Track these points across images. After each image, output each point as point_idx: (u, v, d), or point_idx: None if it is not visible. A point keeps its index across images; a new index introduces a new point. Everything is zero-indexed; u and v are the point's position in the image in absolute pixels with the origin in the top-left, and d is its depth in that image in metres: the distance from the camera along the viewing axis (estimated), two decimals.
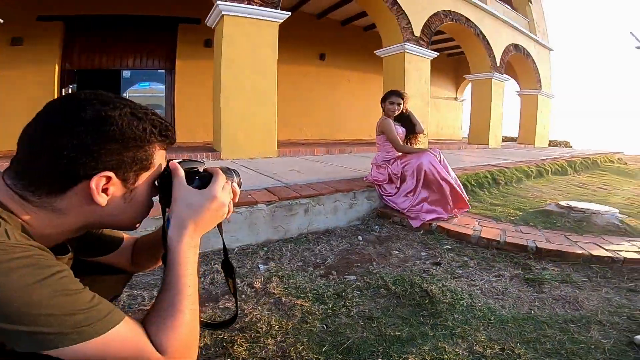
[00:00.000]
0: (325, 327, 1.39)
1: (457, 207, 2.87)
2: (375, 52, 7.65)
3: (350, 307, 1.54)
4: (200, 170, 0.68)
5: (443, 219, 2.73)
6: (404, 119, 3.18)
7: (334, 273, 1.92)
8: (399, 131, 3.13)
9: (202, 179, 0.66)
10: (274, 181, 3.09)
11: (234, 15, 4.77)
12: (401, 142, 3.11)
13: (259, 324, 1.38)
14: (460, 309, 1.53)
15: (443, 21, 7.82)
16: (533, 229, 2.65)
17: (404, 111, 3.16)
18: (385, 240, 2.48)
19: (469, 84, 11.97)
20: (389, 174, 3.04)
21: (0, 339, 0.43)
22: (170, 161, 0.65)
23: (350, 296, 1.63)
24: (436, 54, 7.63)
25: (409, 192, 2.89)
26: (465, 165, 4.65)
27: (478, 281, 1.84)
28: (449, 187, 2.82)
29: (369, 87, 10.62)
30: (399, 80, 6.95)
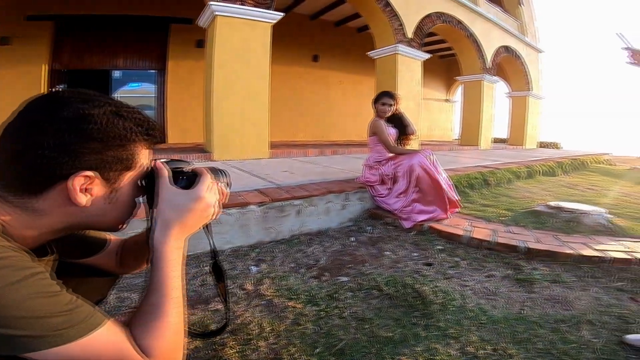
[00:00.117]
0: (318, 329, 1.37)
1: (450, 208, 2.89)
2: (368, 53, 7.69)
3: (342, 309, 1.53)
4: (187, 170, 0.66)
5: (435, 219, 2.74)
6: (396, 120, 3.19)
7: (326, 274, 1.91)
8: (391, 132, 3.14)
9: (188, 179, 0.64)
10: (266, 182, 3.08)
11: (226, 16, 4.75)
12: (393, 143, 3.12)
13: (250, 326, 1.37)
14: (452, 309, 1.53)
15: (435, 23, 7.89)
16: (523, 229, 2.67)
17: (396, 112, 3.17)
18: (378, 241, 2.48)
19: (460, 85, 12.09)
20: (380, 175, 3.05)
21: None
22: (155, 160, 0.64)
23: (342, 297, 1.63)
24: (428, 56, 7.69)
25: (401, 193, 2.89)
26: (456, 167, 4.69)
27: (469, 281, 1.85)
28: (440, 188, 2.83)
29: (361, 88, 10.67)
30: (391, 81, 7.00)
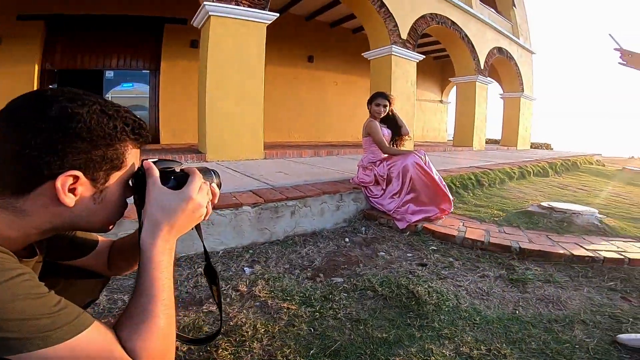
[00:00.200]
0: (313, 330, 1.37)
1: (441, 209, 2.90)
2: (363, 54, 7.70)
3: (337, 310, 1.52)
4: (177, 170, 0.65)
5: (429, 219, 2.75)
6: (390, 120, 3.20)
7: (321, 275, 1.91)
8: (385, 133, 3.14)
9: (178, 179, 0.63)
10: (260, 183, 3.07)
11: (221, 16, 4.72)
12: (387, 144, 3.12)
13: (244, 327, 1.36)
14: (447, 309, 1.54)
15: (429, 24, 7.93)
16: (516, 229, 2.69)
17: (390, 113, 3.18)
18: (372, 242, 2.48)
19: (454, 86, 12.16)
20: (375, 175, 3.05)
21: None
22: (145, 160, 0.63)
23: (337, 298, 1.62)
24: (422, 57, 7.72)
25: (395, 194, 2.90)
26: (449, 167, 4.71)
27: (463, 282, 1.86)
28: (434, 188, 2.84)
29: (356, 89, 10.69)
30: (386, 82, 7.02)
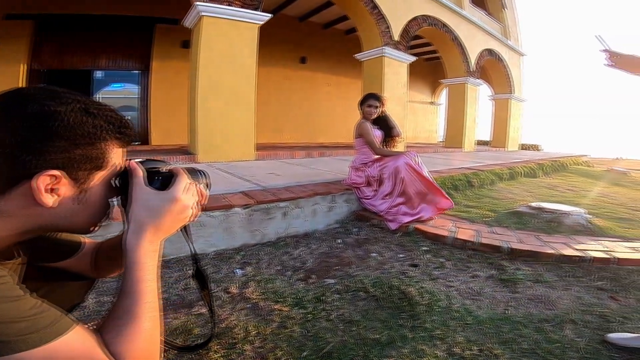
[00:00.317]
0: (305, 332, 1.36)
1: (437, 209, 2.91)
2: (355, 55, 7.73)
3: (330, 311, 1.52)
4: (163, 170, 0.64)
5: (420, 220, 2.76)
6: (382, 122, 3.20)
7: (313, 277, 1.90)
8: (377, 134, 3.15)
9: (164, 179, 0.62)
10: (251, 184, 3.05)
11: (213, 16, 4.70)
12: (379, 145, 3.13)
13: (235, 329, 1.34)
14: (438, 310, 1.54)
15: (421, 26, 7.99)
16: (506, 229, 2.72)
17: (382, 114, 3.19)
18: (364, 243, 2.48)
19: (445, 88, 12.28)
20: (367, 176, 3.05)
21: None
22: (130, 160, 0.61)
23: (329, 300, 1.61)
24: (414, 58, 7.78)
25: (387, 195, 2.91)
26: (441, 168, 4.75)
27: (455, 282, 1.86)
28: (427, 188, 2.86)
29: (349, 90, 10.72)
30: (378, 83, 7.05)
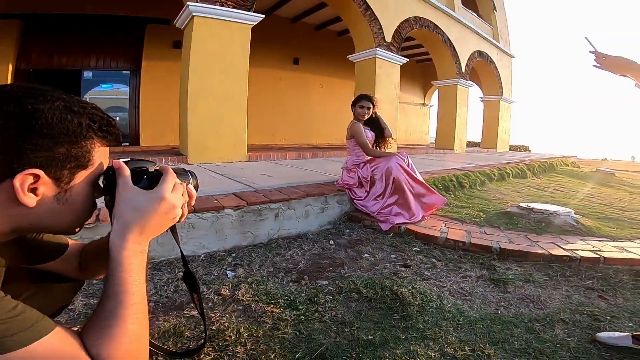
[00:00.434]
0: (298, 334, 1.35)
1: (430, 208, 2.93)
2: (347, 57, 7.75)
3: (322, 313, 1.51)
4: (150, 169, 0.62)
5: (412, 221, 2.77)
6: (373, 123, 3.21)
7: (305, 278, 1.89)
8: (369, 135, 3.16)
9: (151, 178, 0.60)
10: (243, 186, 3.03)
11: (205, 17, 4.66)
12: (370, 146, 3.14)
13: (227, 332, 1.33)
14: (430, 310, 1.54)
15: (413, 27, 8.05)
16: (496, 230, 2.75)
17: (374, 115, 3.20)
18: (356, 244, 2.48)
19: (437, 90, 12.38)
20: (359, 177, 3.06)
21: None
22: (115, 159, 0.60)
23: (322, 301, 1.61)
24: (406, 60, 7.82)
25: (378, 196, 2.92)
26: (432, 169, 4.78)
27: (446, 282, 1.87)
28: (417, 190, 2.87)
29: (341, 91, 10.73)
30: (370, 85, 7.08)
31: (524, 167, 6.50)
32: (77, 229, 0.61)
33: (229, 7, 4.81)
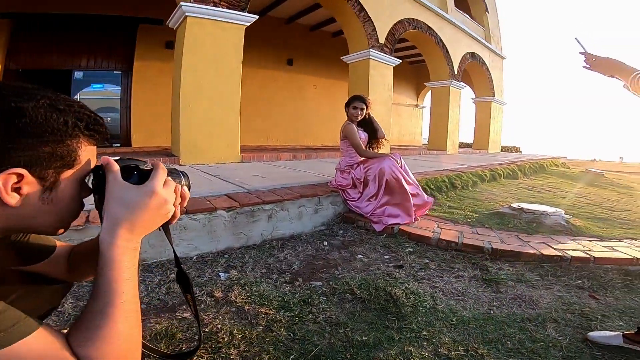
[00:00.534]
0: (292, 335, 1.35)
1: (422, 208, 2.95)
2: (341, 58, 7.76)
3: (316, 314, 1.51)
4: (141, 167, 0.61)
5: (406, 222, 2.78)
6: (367, 124, 3.22)
7: (299, 279, 1.89)
8: (362, 136, 3.16)
9: (141, 174, 0.59)
10: (236, 187, 3.01)
11: (198, 17, 4.63)
12: (364, 147, 3.14)
13: (220, 333, 1.32)
14: (424, 311, 1.55)
15: (407, 29, 8.09)
16: (488, 230, 2.77)
17: (367, 116, 3.20)
18: (350, 245, 2.48)
19: (429, 91, 12.45)
20: (352, 178, 3.06)
21: None
22: (103, 157, 0.59)
23: (316, 302, 1.60)
24: (399, 61, 7.86)
25: (372, 197, 2.92)
26: (424, 170, 4.80)
27: (439, 283, 1.88)
28: (410, 191, 2.88)
29: (335, 92, 10.75)
30: (364, 86, 7.10)
31: (515, 167, 6.57)
32: (62, 230, 0.59)
33: (222, 8, 4.79)
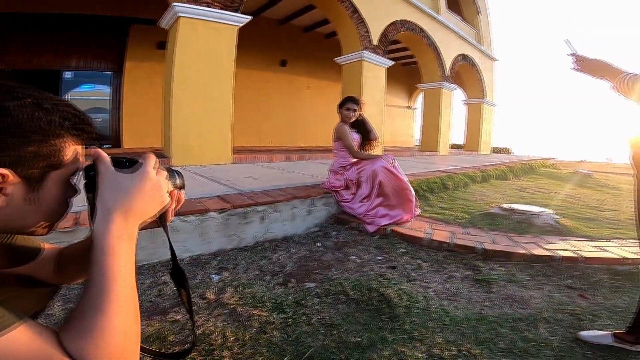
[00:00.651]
0: (286, 337, 1.34)
1: (414, 209, 2.96)
2: (335, 59, 7.78)
3: (310, 315, 1.50)
4: (130, 157, 0.60)
5: (398, 222, 2.79)
6: (359, 125, 3.23)
7: (293, 281, 1.88)
8: (355, 137, 3.17)
9: (132, 163, 0.58)
10: (228, 188, 2.99)
11: (190, 17, 4.60)
12: (356, 148, 3.15)
13: (212, 336, 1.30)
14: (417, 311, 1.55)
15: (399, 30, 8.14)
16: (480, 230, 2.79)
17: (360, 117, 3.21)
18: (343, 246, 2.48)
19: (422, 93, 12.53)
20: (345, 180, 3.07)
21: None
22: (93, 149, 0.57)
23: (310, 304, 1.60)
24: (392, 63, 7.90)
25: (364, 198, 2.93)
26: (417, 171, 4.83)
27: (432, 283, 1.89)
28: (402, 191, 2.90)
29: (328, 94, 10.76)
30: (357, 87, 7.12)
31: (505, 169, 6.65)
32: (48, 230, 0.58)
33: (215, 8, 4.77)
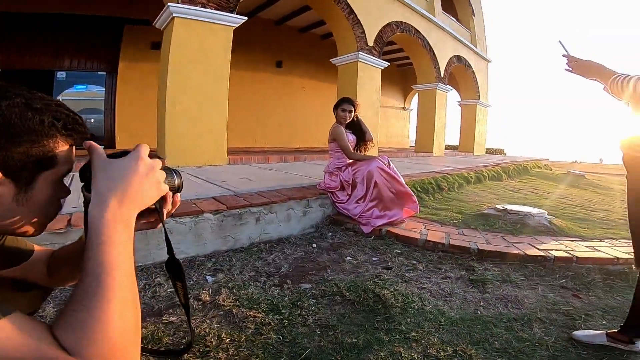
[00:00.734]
0: (282, 338, 1.34)
1: (409, 210, 2.97)
2: (330, 60, 7.79)
3: (306, 316, 1.50)
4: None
5: (393, 223, 2.80)
6: (355, 126, 3.24)
7: (288, 282, 1.88)
8: (350, 138, 3.18)
9: (125, 152, 0.56)
10: (223, 189, 2.98)
11: (186, 18, 4.58)
12: (352, 150, 3.16)
13: (208, 337, 1.30)
14: (412, 312, 1.56)
15: (395, 32, 8.17)
16: (474, 231, 2.81)
17: (355, 118, 3.22)
18: (339, 247, 2.48)
19: (417, 94, 12.58)
20: (340, 181, 3.07)
21: None
22: (86, 141, 0.55)
23: (306, 305, 1.60)
24: (387, 64, 7.92)
25: (360, 199, 2.93)
26: (412, 172, 4.85)
27: (427, 284, 1.90)
28: (398, 192, 2.91)
29: (324, 95, 10.76)
30: (352, 88, 7.13)
31: (499, 169, 6.69)
32: (38, 231, 0.57)
33: (210, 9, 4.75)
